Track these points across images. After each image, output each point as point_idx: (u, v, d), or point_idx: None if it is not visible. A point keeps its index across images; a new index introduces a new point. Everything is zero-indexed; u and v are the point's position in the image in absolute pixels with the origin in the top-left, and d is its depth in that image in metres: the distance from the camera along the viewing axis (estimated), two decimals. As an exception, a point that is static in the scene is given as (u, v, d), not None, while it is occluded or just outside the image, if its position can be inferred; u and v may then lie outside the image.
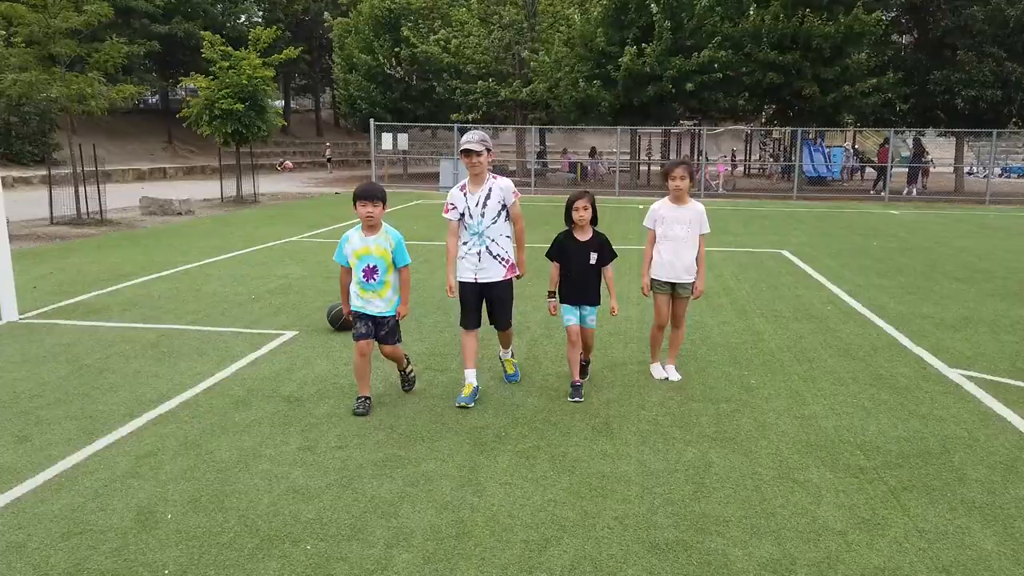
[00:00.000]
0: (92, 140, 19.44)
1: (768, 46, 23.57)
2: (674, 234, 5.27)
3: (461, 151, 4.86)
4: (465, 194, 4.94)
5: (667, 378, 5.46)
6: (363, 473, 3.96)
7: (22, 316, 7.26)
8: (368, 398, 4.86)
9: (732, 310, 7.75)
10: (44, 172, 24.94)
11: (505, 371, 5.44)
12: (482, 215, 4.88)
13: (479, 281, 4.98)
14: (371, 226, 4.68)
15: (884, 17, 24.64)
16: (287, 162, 37.65)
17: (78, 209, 15.37)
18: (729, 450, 4.29)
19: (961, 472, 4.03)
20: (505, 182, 4.98)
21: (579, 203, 5.02)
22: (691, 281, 5.34)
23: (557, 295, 5.19)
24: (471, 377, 5.04)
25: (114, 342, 6.41)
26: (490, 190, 4.91)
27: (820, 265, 10.65)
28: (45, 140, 25.54)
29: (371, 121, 27.32)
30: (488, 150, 4.84)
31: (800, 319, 7.42)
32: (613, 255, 5.19)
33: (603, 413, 4.84)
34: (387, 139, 26.96)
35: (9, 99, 15.09)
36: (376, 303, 4.73)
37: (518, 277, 5.13)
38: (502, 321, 5.16)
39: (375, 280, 4.69)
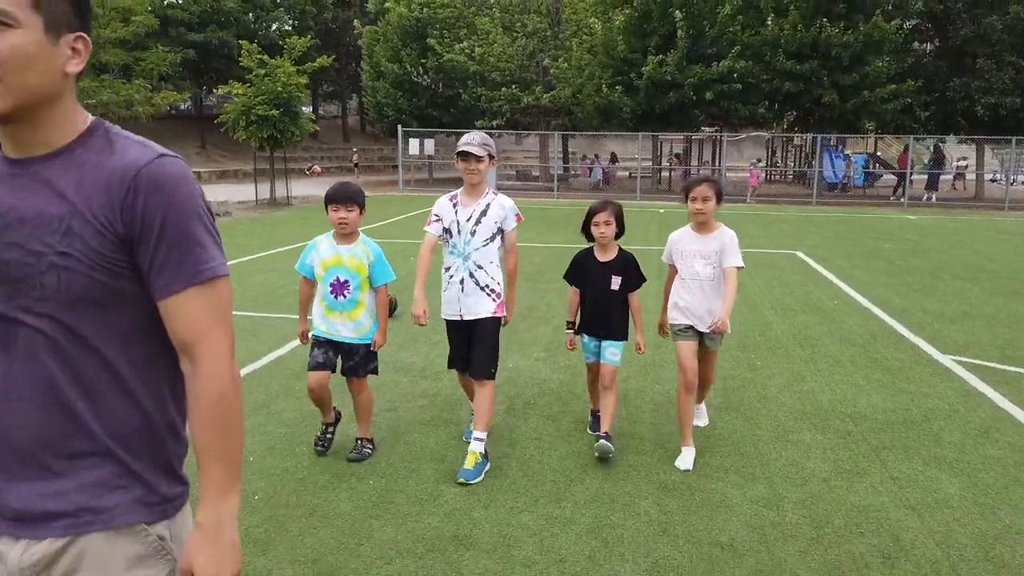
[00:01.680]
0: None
1: (785, 55, 23.99)
2: (694, 271, 4.09)
3: (457, 154, 3.96)
4: (456, 206, 4.04)
5: (696, 424, 4.48)
6: (412, 429, 4.57)
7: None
8: (332, 425, 4.22)
9: (743, 303, 8.28)
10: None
11: (463, 462, 3.96)
12: (472, 234, 3.96)
13: (465, 318, 4.02)
14: (345, 234, 3.98)
15: (904, 25, 24.96)
16: (315, 167, 38.58)
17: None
18: (732, 416, 4.85)
19: (938, 436, 4.56)
20: (507, 201, 4.07)
21: (600, 216, 4.13)
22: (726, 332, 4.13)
23: (576, 325, 4.39)
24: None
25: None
26: (487, 206, 4.00)
27: (832, 265, 11.13)
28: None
29: (398, 127, 28.10)
30: (491, 156, 3.97)
31: (807, 312, 7.94)
32: (641, 279, 4.26)
33: (621, 388, 5.41)
34: (414, 145, 27.70)
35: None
36: (345, 326, 3.95)
37: (504, 323, 4.14)
38: (479, 367, 3.98)
39: (345, 297, 3.93)
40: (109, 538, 1.25)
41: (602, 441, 4.05)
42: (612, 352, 4.21)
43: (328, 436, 4.21)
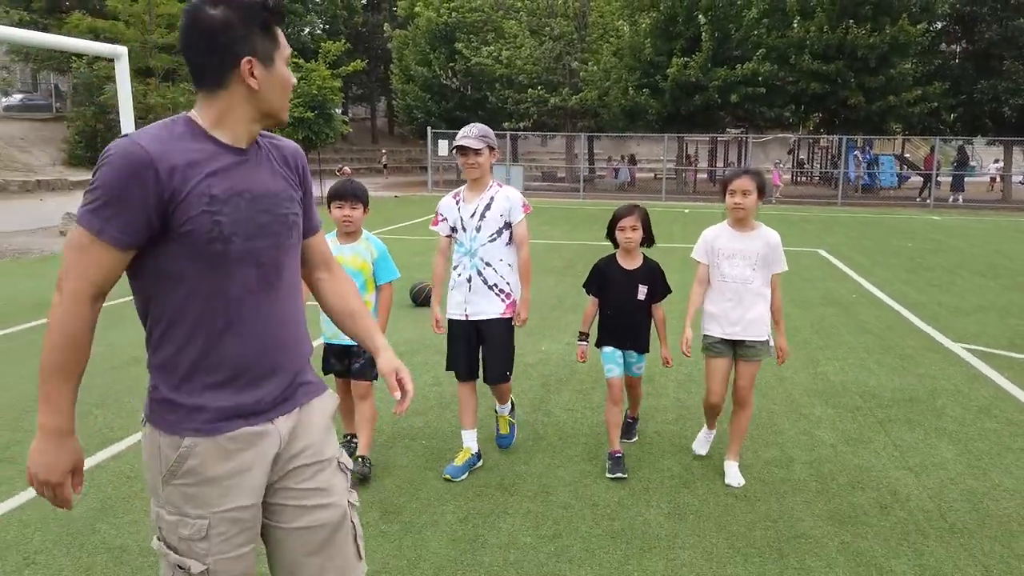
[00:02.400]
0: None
1: (811, 56, 24.18)
2: (734, 273, 3.73)
3: (455, 147, 3.81)
4: (459, 202, 3.91)
5: (728, 484, 3.82)
6: (455, 402, 5.04)
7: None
8: (354, 435, 4.08)
9: (764, 296, 8.66)
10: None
11: (498, 429, 4.30)
12: (477, 230, 3.83)
13: (470, 318, 3.91)
14: (348, 232, 3.80)
15: (931, 28, 25.04)
16: (346, 167, 39.36)
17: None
18: (750, 393, 5.26)
19: (941, 411, 4.94)
20: (512, 192, 3.91)
21: (626, 221, 3.89)
22: (762, 339, 3.75)
23: (594, 336, 4.12)
24: (469, 440, 4.03)
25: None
26: (491, 200, 3.84)
27: (853, 262, 11.44)
28: (128, 146, 27.47)
29: (428, 129, 28.70)
30: (491, 148, 3.82)
31: (826, 304, 8.30)
32: (667, 290, 4.06)
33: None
34: (443, 146, 28.27)
35: (111, 107, 16.67)
36: None
37: (519, 323, 3.98)
38: (494, 372, 3.96)
39: None
40: (320, 400, 1.87)
41: (623, 439, 4.25)
42: (638, 366, 4.11)
43: (353, 444, 4.03)
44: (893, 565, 3.12)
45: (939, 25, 26.70)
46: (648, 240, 3.98)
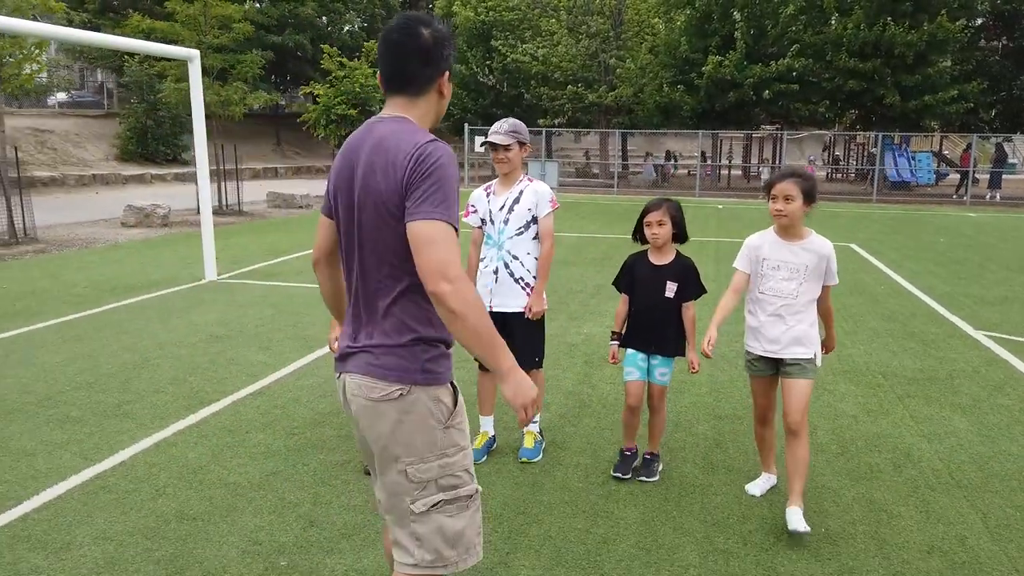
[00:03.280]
0: (211, 142, 21.93)
1: (847, 53, 24.25)
2: (779, 287, 3.37)
3: (486, 143, 3.95)
4: (490, 195, 4.02)
5: (791, 530, 3.24)
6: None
7: (219, 277, 9.23)
8: None
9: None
10: (177, 170, 27.88)
11: (523, 443, 4.16)
12: (505, 223, 3.93)
13: (494, 309, 3.93)
14: None
15: (970, 24, 24.93)
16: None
17: (220, 201, 17.70)
18: (778, 372, 5.69)
19: (958, 389, 5.33)
20: (542, 187, 3.97)
21: (652, 216, 3.67)
22: (807, 357, 3.37)
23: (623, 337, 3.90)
24: (486, 425, 4.19)
25: (296, 295, 8.25)
26: (520, 193, 3.93)
27: (883, 256, 11.73)
28: (176, 142, 28.48)
29: (465, 125, 29.29)
30: (521, 143, 3.91)
31: (854, 294, 8.66)
32: (700, 289, 3.77)
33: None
34: (479, 142, 28.85)
35: (169, 106, 17.46)
36: None
37: (529, 316, 3.94)
38: (526, 357, 3.81)
39: None
40: None
41: (642, 477, 3.84)
42: (662, 372, 3.78)
43: None
44: (901, 511, 3.56)
45: (979, 22, 26.56)
46: (679, 236, 3.73)
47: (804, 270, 3.35)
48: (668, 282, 3.71)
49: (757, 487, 3.74)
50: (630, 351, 3.81)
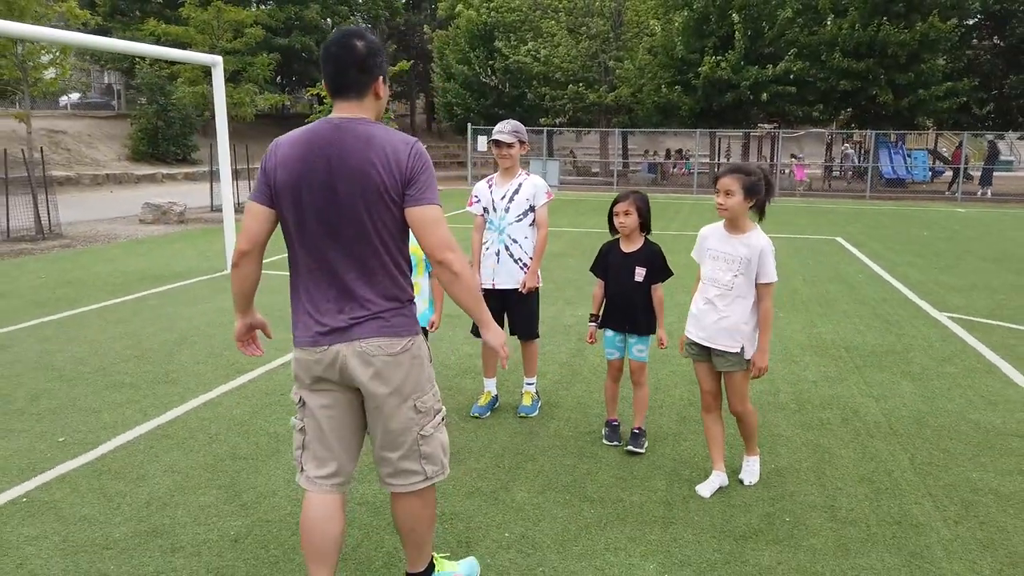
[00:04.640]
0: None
1: (842, 53, 24.82)
2: (715, 276, 3.56)
3: (491, 141, 4.45)
4: (491, 187, 4.56)
5: (741, 480, 3.79)
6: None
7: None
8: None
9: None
10: (187, 169, 28.55)
11: (522, 402, 4.80)
12: (506, 210, 4.47)
13: (496, 287, 4.53)
14: None
15: (961, 24, 25.49)
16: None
17: (234, 198, 18.37)
18: (752, 347, 6.33)
19: (911, 360, 5.96)
20: (539, 180, 4.52)
21: (620, 206, 4.04)
22: (732, 350, 3.54)
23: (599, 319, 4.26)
24: (490, 385, 4.81)
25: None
26: (520, 185, 4.49)
27: (866, 248, 12.35)
28: (186, 142, 29.18)
29: (468, 125, 29.94)
30: (521, 142, 4.46)
31: (832, 282, 9.28)
32: (666, 272, 4.08)
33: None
34: (482, 142, 29.47)
35: (179, 108, 18.10)
36: None
37: (523, 290, 4.49)
38: (523, 329, 4.61)
39: None
40: None
41: (630, 447, 4.14)
42: (639, 348, 4.12)
43: None
44: (842, 452, 4.19)
45: (970, 21, 27.12)
46: (644, 226, 4.07)
47: (739, 262, 3.49)
48: (637, 267, 4.06)
49: (707, 488, 3.70)
50: (608, 332, 4.21)
